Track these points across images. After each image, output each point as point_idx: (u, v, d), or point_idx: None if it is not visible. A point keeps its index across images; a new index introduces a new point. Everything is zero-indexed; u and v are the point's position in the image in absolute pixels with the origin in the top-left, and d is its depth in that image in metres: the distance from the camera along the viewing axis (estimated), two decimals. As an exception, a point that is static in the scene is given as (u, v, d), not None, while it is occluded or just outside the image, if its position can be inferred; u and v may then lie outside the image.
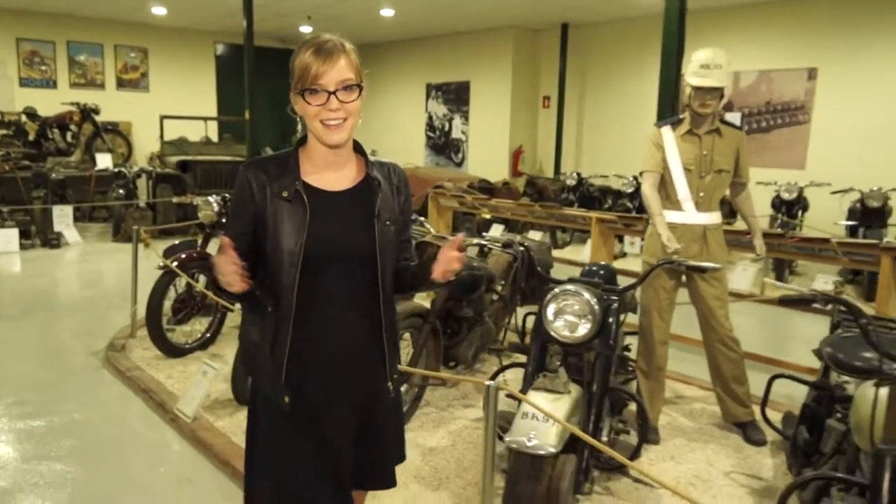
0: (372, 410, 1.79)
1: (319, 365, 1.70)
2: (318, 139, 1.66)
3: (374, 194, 1.72)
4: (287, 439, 1.71)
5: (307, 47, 1.61)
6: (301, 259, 1.62)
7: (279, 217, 1.64)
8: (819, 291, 2.15)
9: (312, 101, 1.60)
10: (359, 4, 10.79)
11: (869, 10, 8.52)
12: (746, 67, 9.78)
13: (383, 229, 1.71)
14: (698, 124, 3.51)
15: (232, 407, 3.86)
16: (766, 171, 9.25)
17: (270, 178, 1.66)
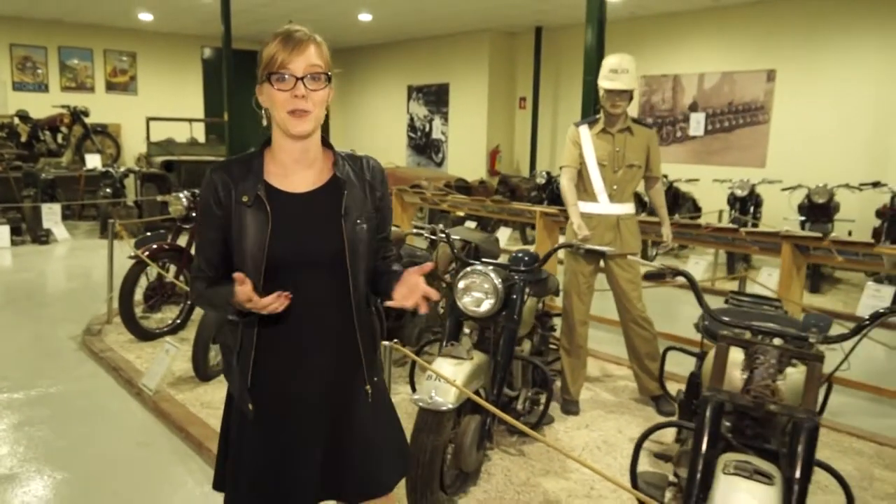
0: (348, 416, 1.74)
1: (287, 372, 1.68)
2: (283, 131, 1.61)
3: (340, 192, 1.67)
4: (253, 446, 1.69)
5: (276, 37, 1.59)
6: (264, 265, 1.60)
7: (242, 223, 1.61)
8: (668, 267, 2.50)
9: (279, 86, 1.56)
10: (337, 9, 11.16)
11: (824, 15, 8.90)
12: (710, 69, 10.17)
13: (353, 229, 1.66)
14: (611, 123, 3.87)
15: (193, 383, 4.23)
16: (730, 170, 9.64)
17: (235, 182, 1.62)
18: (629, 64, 3.78)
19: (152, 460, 3.40)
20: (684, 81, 10.52)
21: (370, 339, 1.77)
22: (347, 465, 1.74)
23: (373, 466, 1.77)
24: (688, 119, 10.49)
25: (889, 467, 3.34)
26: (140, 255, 4.91)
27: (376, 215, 1.74)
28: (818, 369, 2.15)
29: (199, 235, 1.71)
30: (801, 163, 9.01)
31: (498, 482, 3.15)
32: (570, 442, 3.61)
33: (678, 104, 10.61)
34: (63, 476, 3.20)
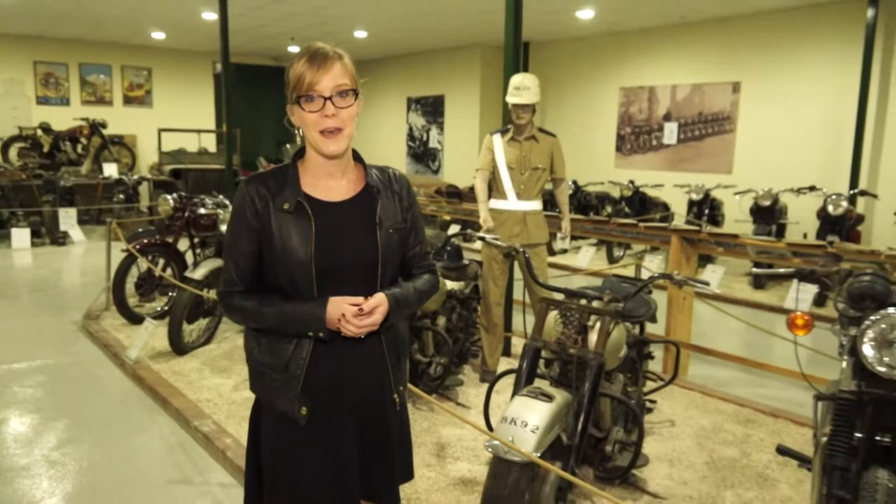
0: (378, 423, 1.77)
1: (334, 379, 1.70)
2: (315, 150, 1.65)
3: (374, 202, 1.71)
4: (299, 457, 1.70)
5: (300, 56, 1.61)
6: (314, 270, 1.62)
7: (285, 230, 1.63)
8: (509, 245, 3.12)
9: (308, 107, 1.59)
10: (333, 27, 11.93)
11: (783, 32, 9.42)
12: (682, 81, 10.73)
13: (386, 237, 1.70)
14: (519, 132, 4.50)
15: (169, 356, 4.93)
16: (700, 176, 10.18)
17: (272, 193, 1.65)
18: (531, 82, 4.42)
19: (127, 413, 4.10)
20: (659, 93, 11.08)
21: (394, 347, 1.79)
22: (381, 472, 1.78)
23: (392, 472, 1.81)
24: (662, 128, 11.04)
25: (739, 423, 3.91)
26: (130, 249, 5.64)
27: (405, 225, 1.77)
28: (607, 321, 2.77)
29: (231, 248, 1.69)
30: (763, 169, 9.52)
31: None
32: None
33: (653, 114, 11.18)
34: (52, 423, 3.92)
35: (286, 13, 10.85)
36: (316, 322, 1.61)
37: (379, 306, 1.63)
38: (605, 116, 11.92)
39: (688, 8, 9.51)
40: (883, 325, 1.97)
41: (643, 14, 10.01)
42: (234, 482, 3.28)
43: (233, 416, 3.90)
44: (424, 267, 1.86)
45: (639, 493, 3.10)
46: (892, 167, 8.57)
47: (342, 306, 1.60)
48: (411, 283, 1.79)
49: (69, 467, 3.42)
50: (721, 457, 3.50)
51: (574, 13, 9.94)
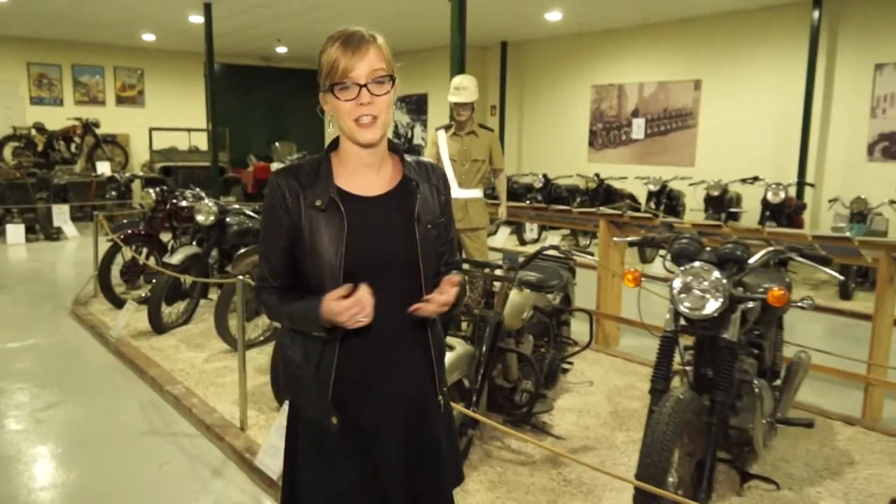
0: (422, 428, 1.68)
1: (367, 382, 1.62)
2: (350, 139, 1.56)
3: (413, 197, 1.62)
4: (334, 462, 1.63)
5: (334, 41, 1.53)
6: (342, 271, 1.53)
7: (315, 228, 1.55)
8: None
9: (343, 96, 1.50)
10: (319, 28, 12.40)
11: (740, 33, 9.91)
12: (648, 79, 11.22)
13: (425, 233, 1.62)
14: (461, 128, 4.99)
15: (149, 334, 5.41)
16: (666, 169, 10.65)
17: (303, 187, 1.57)
18: (469, 82, 4.90)
19: (107, 381, 4.60)
20: (627, 90, 11.57)
21: (439, 347, 1.72)
22: (430, 480, 1.69)
23: (440, 476, 1.73)
24: (631, 124, 11.54)
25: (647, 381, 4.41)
26: (115, 239, 6.13)
27: (442, 220, 1.69)
28: (505, 287, 3.26)
29: (263, 243, 1.64)
30: (722, 161, 10.01)
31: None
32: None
33: (623, 111, 11.67)
34: (41, 391, 4.42)
35: (271, 17, 11.32)
36: (310, 321, 1.54)
37: (454, 286, 1.57)
38: (579, 113, 12.41)
39: (650, 10, 10.00)
40: (688, 275, 2.46)
41: (608, 16, 10.50)
42: (197, 433, 3.78)
43: (202, 382, 4.40)
44: (452, 265, 1.78)
45: (545, 435, 3.60)
46: (836, 159, 9.07)
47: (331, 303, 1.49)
48: None
49: (55, 423, 3.92)
50: (625, 408, 4.00)
51: (543, 15, 10.42)
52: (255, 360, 4.71)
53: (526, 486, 3.12)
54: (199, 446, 3.65)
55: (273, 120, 17.26)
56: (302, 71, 17.58)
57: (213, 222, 5.65)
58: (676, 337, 2.55)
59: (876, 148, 8.72)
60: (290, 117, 17.35)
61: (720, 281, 2.44)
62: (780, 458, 3.45)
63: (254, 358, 4.76)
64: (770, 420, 2.99)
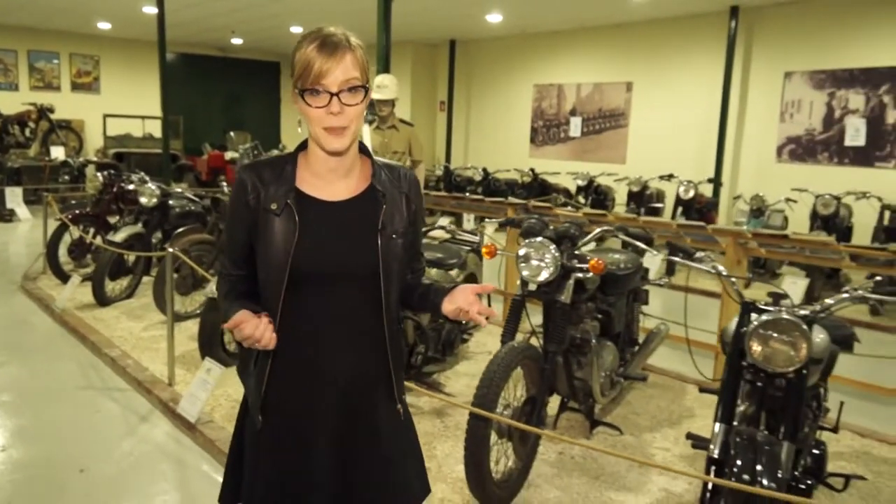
0: (375, 439, 1.63)
1: (308, 388, 1.58)
2: (318, 145, 1.53)
3: (378, 205, 1.57)
4: (262, 456, 1.62)
5: (310, 40, 1.47)
6: (287, 275, 1.50)
7: (269, 229, 1.53)
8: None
9: (313, 102, 1.46)
10: (271, 23, 12.78)
11: (668, 37, 10.61)
12: (585, 80, 11.87)
13: (388, 243, 1.56)
14: (382, 122, 5.51)
15: (94, 307, 5.82)
16: (600, 165, 11.32)
17: (264, 185, 1.55)
18: (389, 81, 5.42)
19: (51, 346, 5.03)
20: (566, 90, 12.21)
21: (399, 355, 1.68)
22: (362, 487, 1.63)
23: (389, 491, 1.66)
24: (569, 122, 12.18)
25: (540, 353, 5.00)
26: (63, 218, 6.50)
27: (411, 229, 1.64)
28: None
29: (226, 234, 1.64)
30: (650, 159, 10.70)
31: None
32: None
33: (561, 109, 12.31)
34: (-14, 352, 4.83)
35: (225, 9, 11.66)
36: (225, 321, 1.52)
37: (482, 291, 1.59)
38: (521, 110, 13.01)
39: (585, 16, 10.64)
40: (530, 248, 3.02)
41: (546, 19, 11.10)
42: (129, 388, 4.25)
43: (137, 347, 4.85)
44: (420, 270, 1.76)
45: (437, 391, 4.15)
46: (749, 159, 9.83)
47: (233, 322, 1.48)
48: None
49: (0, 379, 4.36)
50: (516, 373, 4.57)
51: (484, 16, 10.97)
52: (189, 330, 5.16)
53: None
54: (131, 399, 4.12)
55: (229, 109, 17.53)
56: (258, 62, 17.87)
57: (155, 204, 6.06)
58: (523, 299, 3.11)
59: (784, 150, 9.49)
60: (246, 107, 17.66)
61: (553, 253, 3.01)
62: (633, 411, 4.07)
63: (188, 327, 5.22)
64: (610, 375, 3.58)
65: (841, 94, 8.87)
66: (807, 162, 9.23)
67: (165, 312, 5.42)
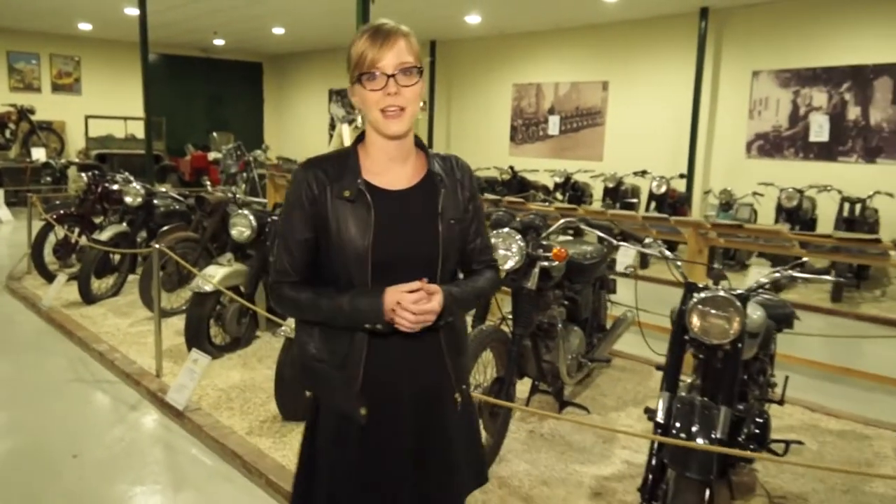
0: (436, 426, 1.68)
1: (391, 377, 1.63)
2: (377, 131, 1.58)
3: (437, 191, 1.63)
4: (356, 454, 1.63)
5: (363, 34, 1.55)
6: (370, 262, 1.55)
7: (343, 219, 1.55)
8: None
9: (370, 86, 1.52)
10: (252, 25, 12.90)
11: (642, 37, 10.87)
12: (563, 80, 12.11)
13: (447, 229, 1.62)
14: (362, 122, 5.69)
15: (80, 304, 5.95)
16: (578, 163, 11.55)
17: (330, 179, 1.58)
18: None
19: (39, 343, 5.17)
20: (544, 89, 12.45)
21: (454, 343, 1.70)
22: (441, 479, 1.70)
23: (452, 474, 1.72)
24: (547, 121, 12.42)
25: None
26: (48, 219, 6.62)
27: (467, 216, 1.69)
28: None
29: (284, 236, 1.63)
30: (626, 157, 10.95)
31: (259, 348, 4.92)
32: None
33: (540, 108, 12.55)
34: (-24, 348, 4.96)
35: (206, 10, 11.75)
36: (373, 314, 1.54)
37: (436, 294, 1.55)
38: (501, 109, 13.24)
39: (560, 17, 10.89)
40: (498, 238, 3.23)
41: (524, 20, 11.33)
42: (118, 381, 4.41)
43: (125, 342, 5.00)
44: (485, 262, 1.77)
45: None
46: (720, 155, 10.12)
47: (398, 294, 1.52)
48: (471, 282, 1.72)
49: (-10, 375, 4.49)
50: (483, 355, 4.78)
51: (463, 18, 11.18)
52: (175, 326, 5.31)
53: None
54: (120, 390, 4.28)
55: (211, 110, 17.59)
56: (240, 62, 17.95)
57: (140, 203, 6.20)
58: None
59: (753, 146, 9.78)
60: (229, 108, 17.73)
61: (518, 243, 3.22)
62: (600, 393, 4.30)
63: (175, 323, 5.37)
64: (577, 358, 3.80)
65: (805, 92, 9.18)
66: (774, 157, 9.53)
67: (152, 309, 5.57)
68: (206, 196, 6.10)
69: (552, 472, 3.25)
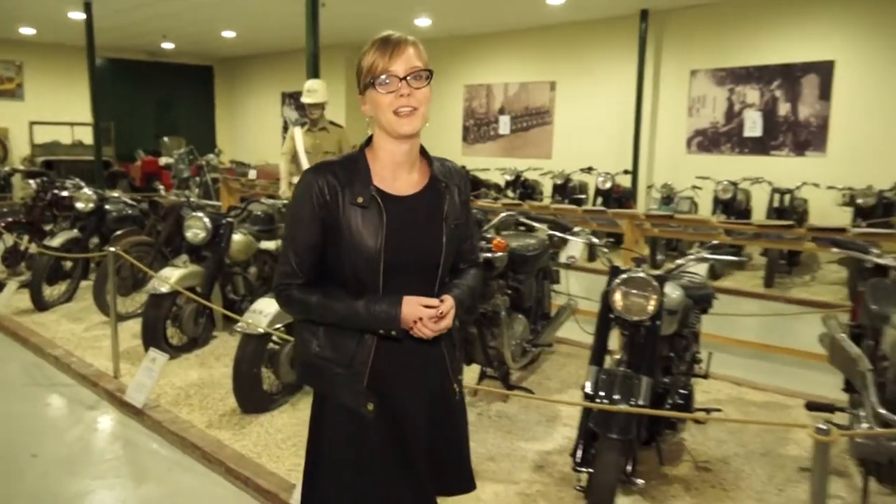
0: (442, 414, 1.77)
1: (397, 371, 1.69)
2: (391, 133, 1.63)
3: (442, 197, 1.70)
4: (368, 448, 1.68)
5: (372, 45, 1.62)
6: (382, 266, 1.61)
7: (355, 224, 1.60)
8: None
9: (383, 89, 1.59)
10: (204, 27, 12.85)
11: (588, 39, 11.23)
12: (512, 80, 12.41)
13: (451, 231, 1.69)
14: (314, 125, 5.84)
15: (32, 311, 5.94)
16: (528, 161, 11.85)
17: (342, 184, 1.62)
18: (319, 86, 5.76)
19: (-9, 349, 5.17)
20: (495, 90, 12.73)
21: (450, 339, 1.78)
22: (452, 462, 1.80)
23: (464, 463, 1.83)
24: (498, 121, 12.71)
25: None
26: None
27: (464, 220, 1.77)
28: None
29: (292, 239, 1.66)
30: (574, 154, 11.28)
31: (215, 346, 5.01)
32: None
33: (491, 108, 12.83)
34: (-74, 356, 4.94)
35: (154, 14, 11.66)
36: (390, 321, 1.59)
37: (451, 310, 1.63)
38: (453, 110, 13.47)
39: (508, 19, 11.18)
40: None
41: (472, 23, 11.59)
42: (75, 383, 4.47)
43: (80, 346, 5.04)
44: (471, 261, 1.85)
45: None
46: (662, 151, 10.55)
47: (418, 308, 1.59)
48: (465, 282, 1.78)
49: (-56, 382, 4.49)
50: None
51: (413, 21, 11.37)
52: (131, 329, 5.36)
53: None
54: (77, 392, 4.34)
55: (161, 114, 17.38)
56: (190, 66, 17.79)
57: (92, 209, 6.21)
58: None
59: (692, 142, 10.23)
60: (179, 112, 17.55)
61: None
62: (545, 377, 4.54)
63: (130, 327, 5.42)
64: (521, 344, 4.03)
65: (740, 90, 9.65)
66: (712, 152, 9.98)
67: (106, 313, 5.61)
68: (160, 200, 6.16)
69: (498, 449, 3.46)
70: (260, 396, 3.88)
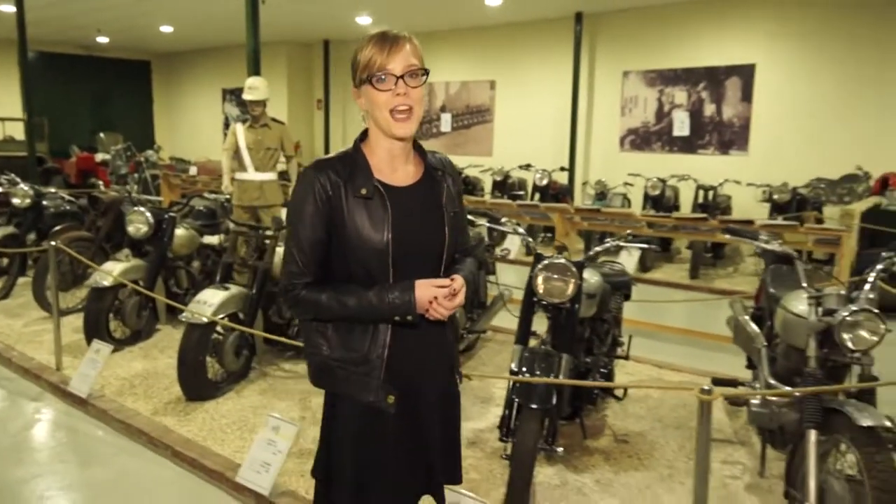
0: (446, 404, 1.79)
1: (412, 361, 1.70)
2: (386, 133, 1.64)
3: (439, 186, 1.73)
4: (388, 441, 1.70)
5: (369, 40, 1.62)
6: (390, 257, 1.61)
7: (359, 217, 1.61)
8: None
9: (380, 87, 1.59)
10: (140, 21, 12.64)
11: (526, 39, 11.57)
12: (453, 79, 12.66)
13: (450, 219, 1.72)
14: (255, 121, 5.93)
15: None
16: (470, 158, 12.13)
17: (343, 179, 1.63)
18: (260, 83, 5.85)
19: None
20: (436, 88, 12.96)
21: (453, 328, 1.82)
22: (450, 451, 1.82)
23: (456, 452, 1.84)
24: (440, 118, 12.94)
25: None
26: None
27: (459, 209, 1.79)
28: (272, 244, 4.28)
29: (296, 238, 1.66)
30: (514, 152, 11.63)
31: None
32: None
33: (432, 106, 13.05)
34: None
35: (88, 8, 11.45)
36: (405, 306, 1.60)
37: (463, 287, 1.66)
38: (396, 108, 13.62)
39: (448, 19, 11.42)
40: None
41: (412, 22, 11.78)
42: (16, 376, 4.48)
43: (21, 341, 5.03)
44: (466, 250, 1.88)
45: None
46: (597, 149, 10.98)
47: (432, 289, 1.60)
48: (467, 267, 1.81)
49: None
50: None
51: (354, 19, 11.49)
52: (73, 324, 5.36)
53: (289, 391, 4.18)
54: (19, 385, 4.36)
55: (97, 110, 16.97)
56: (126, 61, 17.41)
57: (28, 205, 6.16)
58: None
59: (625, 140, 10.69)
60: (116, 107, 17.17)
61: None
62: (482, 363, 4.79)
63: (72, 321, 5.41)
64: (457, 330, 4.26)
65: (669, 91, 10.15)
66: (644, 150, 10.46)
67: (46, 309, 5.60)
68: (100, 195, 6.15)
69: (435, 428, 3.68)
70: (205, 384, 4.00)
